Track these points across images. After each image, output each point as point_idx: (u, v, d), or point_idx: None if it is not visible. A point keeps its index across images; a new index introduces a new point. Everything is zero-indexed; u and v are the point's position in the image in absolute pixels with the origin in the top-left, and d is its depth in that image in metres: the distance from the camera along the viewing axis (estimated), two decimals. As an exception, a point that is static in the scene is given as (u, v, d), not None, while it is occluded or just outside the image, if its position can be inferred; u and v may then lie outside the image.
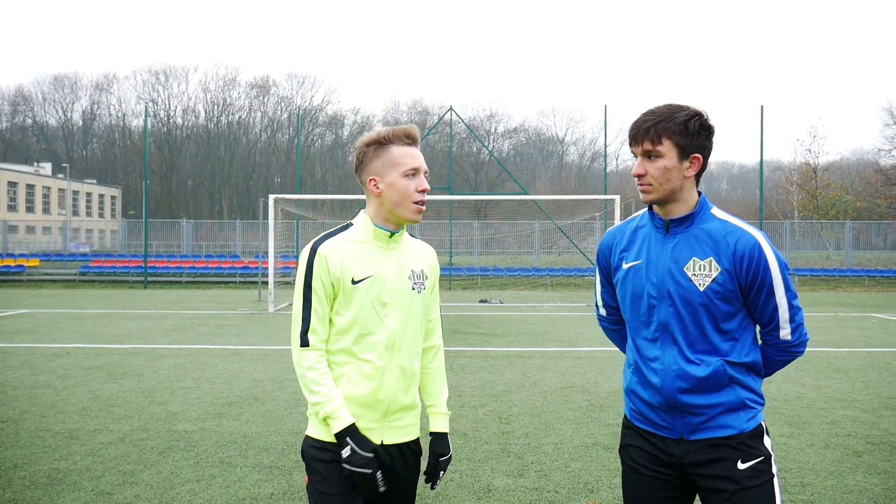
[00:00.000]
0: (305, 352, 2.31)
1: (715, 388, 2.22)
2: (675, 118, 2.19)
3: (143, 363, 9.39)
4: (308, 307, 2.31)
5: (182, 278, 29.10)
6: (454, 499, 4.49)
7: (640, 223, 2.39)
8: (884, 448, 5.58)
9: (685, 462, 2.27)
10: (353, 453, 2.22)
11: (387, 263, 2.37)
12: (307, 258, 2.33)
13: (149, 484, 4.72)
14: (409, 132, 2.37)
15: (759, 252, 2.19)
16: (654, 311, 2.27)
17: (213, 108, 78.89)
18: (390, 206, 2.35)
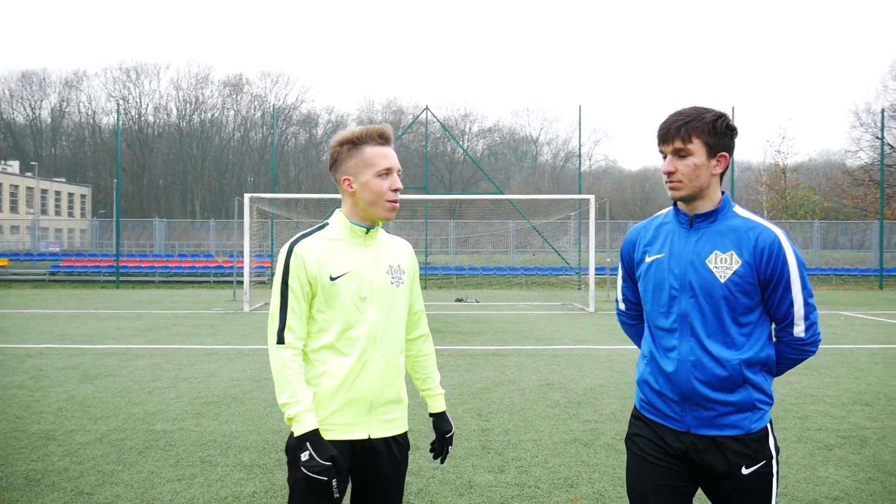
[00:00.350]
0: (280, 350, 2.33)
1: (729, 388, 2.29)
2: (704, 118, 2.28)
3: (118, 363, 9.30)
4: (285, 305, 2.34)
5: (155, 278, 28.79)
6: (436, 495, 4.53)
7: (664, 220, 2.47)
8: (853, 441, 5.72)
9: (690, 456, 2.34)
10: (310, 459, 2.25)
11: (364, 259, 2.41)
12: (284, 257, 2.37)
13: (129, 484, 4.70)
14: (382, 132, 2.41)
15: (779, 247, 2.27)
16: (675, 301, 2.34)
17: (185, 106, 78.10)
18: (365, 204, 2.39)
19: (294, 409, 2.29)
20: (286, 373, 2.31)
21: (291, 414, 2.29)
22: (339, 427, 2.37)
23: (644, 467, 2.40)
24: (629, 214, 56.69)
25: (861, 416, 6.58)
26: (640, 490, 2.40)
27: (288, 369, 2.31)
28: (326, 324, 2.36)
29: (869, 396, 7.39)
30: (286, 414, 2.30)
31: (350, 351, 2.36)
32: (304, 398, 2.30)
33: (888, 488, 4.65)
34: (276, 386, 2.35)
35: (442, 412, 2.66)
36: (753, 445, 2.30)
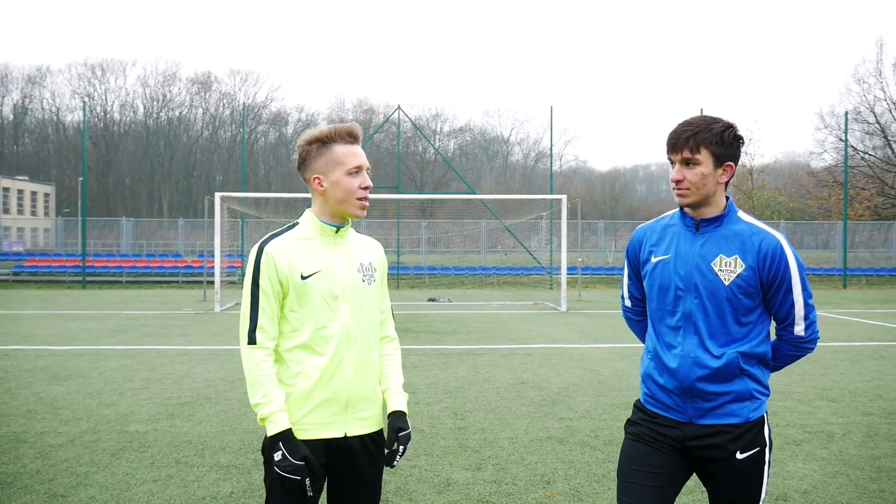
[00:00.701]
0: (252, 350, 2.33)
1: (728, 378, 2.41)
2: (713, 129, 2.38)
3: (87, 364, 9.17)
4: (256, 305, 2.34)
5: (122, 278, 28.35)
6: (415, 493, 4.55)
7: (670, 222, 2.57)
8: (820, 436, 5.87)
9: (689, 443, 2.44)
10: (283, 458, 2.25)
11: (335, 258, 2.42)
12: (255, 257, 2.37)
13: (103, 486, 4.65)
14: (351, 130, 2.41)
15: (781, 252, 2.39)
16: (680, 301, 2.45)
17: (152, 104, 76.99)
18: (335, 203, 2.40)
19: (266, 409, 2.29)
20: (258, 373, 2.31)
21: (264, 414, 2.29)
22: (316, 426, 2.37)
23: (637, 449, 2.50)
24: (599, 214, 57.17)
25: (827, 411, 6.74)
26: (627, 469, 2.50)
27: (260, 370, 2.32)
28: (299, 323, 2.36)
29: (834, 392, 7.57)
30: (259, 414, 2.31)
31: (324, 350, 2.36)
32: (276, 398, 2.30)
33: (854, 481, 4.78)
34: (248, 386, 2.35)
35: (401, 411, 2.54)
36: (750, 433, 2.42)
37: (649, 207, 69.13)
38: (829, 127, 42.85)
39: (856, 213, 39.35)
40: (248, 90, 78.49)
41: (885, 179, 42.21)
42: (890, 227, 37.74)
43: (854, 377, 8.50)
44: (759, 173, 45.54)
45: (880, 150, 43.81)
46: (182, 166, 76.49)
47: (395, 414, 2.56)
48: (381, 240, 36.01)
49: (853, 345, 11.48)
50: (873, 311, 17.69)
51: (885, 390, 7.74)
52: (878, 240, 38.75)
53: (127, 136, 76.24)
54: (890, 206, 41.80)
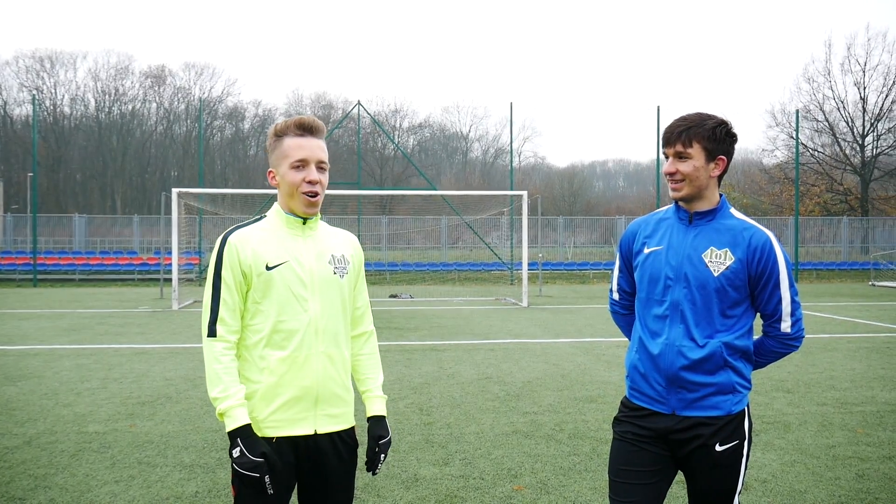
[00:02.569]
0: (212, 342, 2.28)
1: (711, 370, 2.45)
2: (705, 125, 2.45)
3: (41, 364, 8.94)
4: (217, 297, 2.29)
5: (75, 276, 27.72)
6: (383, 489, 4.55)
7: (664, 215, 2.63)
8: (778, 427, 6.02)
9: (671, 436, 2.48)
10: (241, 455, 2.20)
11: (304, 249, 2.37)
12: (218, 248, 2.32)
13: (63, 487, 4.54)
14: (301, 122, 2.36)
15: (770, 248, 2.46)
16: (669, 291, 2.49)
17: (103, 98, 75.08)
18: (284, 197, 2.37)
19: (225, 403, 2.23)
20: (217, 367, 2.26)
21: (222, 409, 2.24)
22: (284, 423, 2.32)
23: (625, 449, 2.54)
24: (558, 210, 57.59)
25: (783, 402, 6.92)
26: (617, 469, 2.54)
27: (219, 363, 2.26)
28: (265, 316, 2.30)
29: (790, 384, 7.77)
30: (217, 409, 2.25)
31: (289, 343, 2.31)
32: (234, 393, 2.24)
33: (811, 469, 4.92)
34: (207, 380, 2.28)
35: (380, 416, 2.52)
36: (730, 426, 2.47)
37: (607, 203, 70.03)
38: (781, 125, 43.97)
39: (806, 209, 40.43)
40: (203, 84, 77.14)
41: (833, 176, 43.46)
42: (839, 223, 38.86)
43: (808, 369, 8.73)
44: (714, 170, 46.37)
45: (829, 147, 45.07)
46: (136, 162, 74.85)
47: (374, 419, 2.53)
48: (342, 236, 35.93)
49: (806, 337, 11.76)
50: (824, 305, 18.19)
51: (837, 381, 7.97)
52: (828, 235, 39.88)
53: (78, 130, 74.31)
54: (839, 203, 43.05)
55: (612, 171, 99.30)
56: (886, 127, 43.48)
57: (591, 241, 42.94)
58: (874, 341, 11.32)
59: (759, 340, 2.59)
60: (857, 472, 4.88)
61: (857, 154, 43.92)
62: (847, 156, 44.09)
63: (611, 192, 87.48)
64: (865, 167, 43.06)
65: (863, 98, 43.11)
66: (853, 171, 43.99)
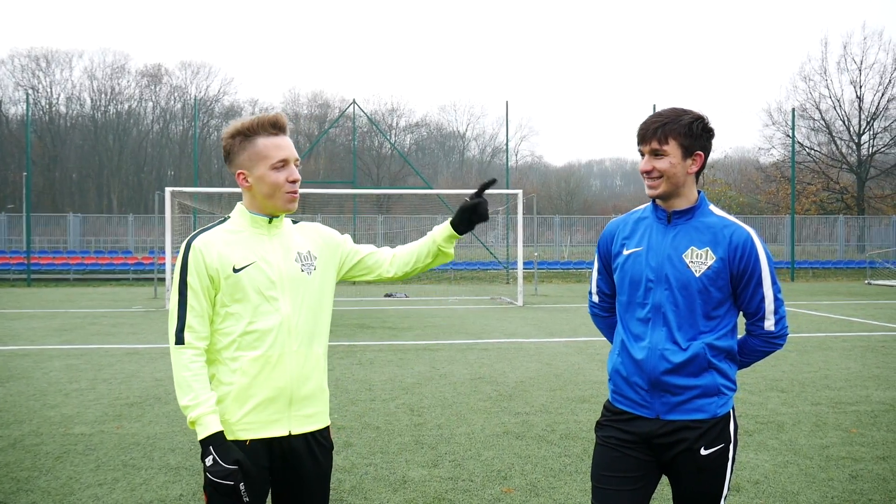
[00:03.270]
0: (180, 350, 2.23)
1: (695, 372, 2.39)
2: (681, 121, 2.38)
3: (31, 365, 8.87)
4: (184, 304, 2.25)
5: (69, 275, 27.60)
6: (370, 492, 4.49)
7: (642, 215, 2.55)
8: (771, 427, 5.97)
9: (655, 441, 2.42)
10: (214, 463, 2.16)
11: (271, 248, 2.33)
12: (183, 253, 2.28)
13: (46, 490, 4.48)
14: (274, 121, 2.30)
15: (752, 245, 2.39)
16: (651, 293, 2.42)
17: (100, 97, 74.88)
18: (262, 197, 2.31)
19: (196, 411, 2.19)
20: (186, 374, 2.21)
21: (193, 417, 2.19)
22: (257, 425, 2.28)
23: (608, 455, 2.48)
24: (555, 209, 57.58)
25: (777, 402, 6.87)
26: (599, 475, 2.48)
27: (188, 371, 2.22)
28: (236, 318, 2.26)
29: (784, 383, 7.73)
30: (188, 417, 2.20)
31: (261, 344, 2.26)
32: (205, 400, 2.20)
33: (804, 470, 4.87)
34: (176, 388, 2.24)
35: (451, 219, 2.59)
36: (716, 429, 2.41)
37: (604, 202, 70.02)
38: (777, 123, 43.98)
39: (802, 207, 40.44)
40: (199, 83, 76.96)
41: (829, 175, 43.49)
42: (835, 221, 38.87)
43: (802, 368, 8.69)
44: (710, 169, 46.44)
45: (825, 146, 45.11)
46: (132, 161, 74.70)
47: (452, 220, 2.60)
48: (337, 235, 35.83)
49: (801, 336, 11.76)
50: (820, 303, 18.17)
51: (832, 380, 7.93)
52: (824, 233, 39.88)
53: (74, 129, 74.11)
54: (835, 201, 43.09)
55: (609, 169, 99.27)
56: (882, 125, 43.56)
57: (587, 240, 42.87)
58: (869, 340, 11.29)
59: (742, 340, 2.54)
60: (851, 472, 4.83)
61: (853, 153, 43.97)
62: (843, 154, 44.13)
63: (608, 191, 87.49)
64: (861, 166, 43.11)
65: (859, 97, 43.18)
66: (849, 170, 44.04)
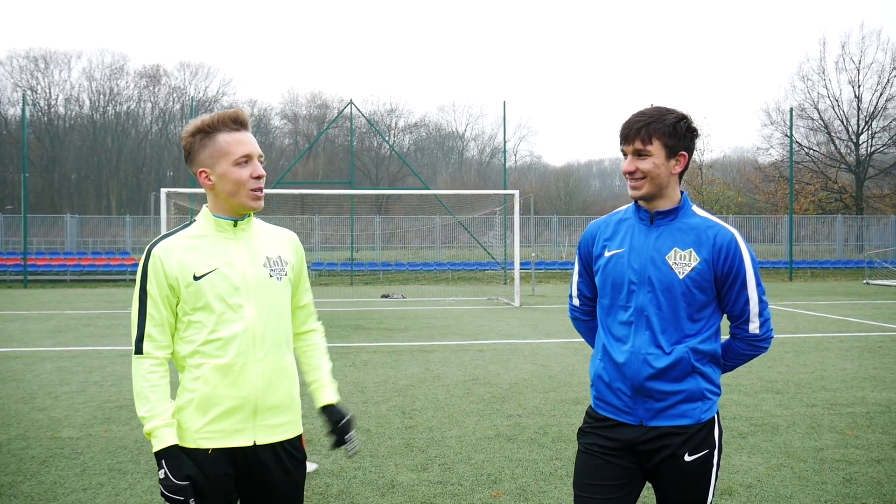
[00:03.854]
0: (139, 360, 2.19)
1: (678, 377, 2.33)
2: (665, 120, 2.31)
3: (22, 367, 8.81)
4: (143, 313, 2.19)
5: (66, 277, 27.54)
6: (357, 496, 4.43)
7: (624, 216, 2.49)
8: (765, 429, 5.91)
9: (639, 448, 2.36)
10: (166, 478, 2.12)
11: (236, 253, 2.26)
12: (143, 261, 2.22)
13: (29, 496, 4.42)
14: (235, 116, 2.25)
15: (736, 246, 2.33)
16: (633, 296, 2.36)
17: (98, 98, 74.86)
18: (226, 196, 2.24)
19: (151, 423, 2.14)
20: (143, 385, 2.17)
21: (148, 429, 2.15)
22: (220, 434, 2.20)
23: (590, 462, 2.42)
24: (554, 210, 57.54)
25: (772, 403, 6.82)
26: (582, 483, 2.42)
27: (146, 381, 2.17)
28: (198, 326, 2.20)
29: (780, 384, 7.67)
30: (144, 428, 2.16)
31: (225, 352, 2.19)
32: (161, 412, 2.16)
33: (798, 473, 4.81)
34: (134, 398, 2.19)
35: (332, 403, 2.44)
36: (700, 434, 2.35)
37: (603, 202, 69.90)
38: (775, 123, 43.84)
39: (801, 207, 40.36)
40: (198, 84, 76.95)
41: (828, 174, 43.42)
42: (833, 221, 38.81)
43: (798, 368, 8.63)
44: (709, 168, 46.40)
45: (824, 145, 45.02)
46: (131, 162, 74.68)
47: (327, 408, 2.45)
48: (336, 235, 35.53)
49: (798, 336, 11.71)
50: (817, 303, 18.12)
51: (828, 381, 7.87)
52: (823, 233, 39.83)
53: (72, 130, 74.09)
54: (833, 201, 43.02)
55: (609, 169, 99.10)
56: (881, 125, 43.43)
57: (586, 240, 42.78)
58: (867, 340, 11.24)
59: (726, 343, 2.48)
60: (845, 475, 4.78)
61: (851, 152, 43.88)
62: (842, 154, 44.03)
63: (607, 191, 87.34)
64: (860, 165, 43.02)
65: (857, 96, 43.07)
66: (848, 170, 43.95)
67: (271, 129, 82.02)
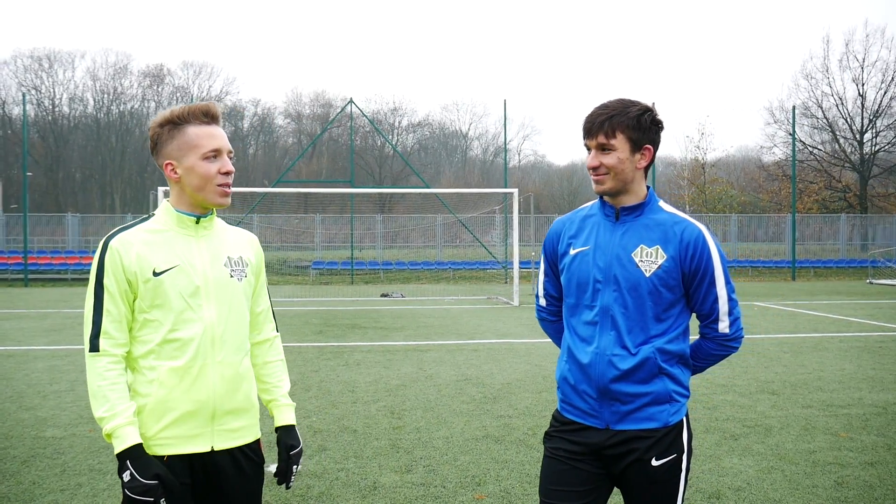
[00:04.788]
0: (95, 358, 2.09)
1: (645, 378, 2.26)
2: (629, 113, 2.24)
3: (13, 366, 8.76)
4: (99, 308, 2.10)
5: (67, 275, 27.54)
6: (338, 498, 4.36)
7: (589, 212, 2.42)
8: (758, 431, 5.82)
9: (605, 453, 2.29)
10: (132, 479, 2.01)
11: (197, 251, 2.19)
12: (99, 254, 2.13)
13: (6, 496, 4.36)
14: (206, 109, 2.19)
15: (703, 243, 2.27)
16: (598, 295, 2.29)
17: (102, 97, 75.01)
18: (192, 191, 2.17)
19: (111, 423, 2.04)
20: (101, 384, 2.06)
21: (109, 429, 2.05)
22: (176, 440, 2.13)
23: (555, 468, 2.35)
24: (557, 209, 57.39)
25: (767, 404, 6.72)
26: (547, 490, 2.35)
27: (104, 380, 2.07)
28: (155, 325, 2.11)
29: (776, 385, 7.58)
30: (104, 429, 2.06)
31: (182, 354, 2.11)
32: (122, 411, 2.05)
33: (788, 477, 4.73)
34: (90, 399, 2.09)
35: (289, 426, 2.38)
36: (667, 438, 2.28)
37: (606, 202, 69.64)
38: (779, 122, 43.68)
39: (805, 206, 40.19)
40: (202, 83, 76.99)
41: (832, 173, 43.22)
42: (837, 220, 38.62)
43: (796, 369, 8.53)
44: (712, 167, 46.22)
45: (828, 144, 44.80)
46: (135, 161, 74.75)
47: (283, 429, 2.37)
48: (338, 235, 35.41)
49: (797, 336, 11.60)
50: (819, 303, 17.99)
51: (826, 382, 7.77)
52: (827, 232, 39.63)
53: (77, 130, 74.28)
54: (837, 200, 42.82)
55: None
56: (885, 123, 43.20)
57: (588, 239, 42.70)
58: (867, 340, 11.13)
59: (696, 343, 2.40)
60: (837, 479, 4.69)
61: (855, 151, 43.64)
62: (846, 153, 43.82)
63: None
64: (864, 164, 42.79)
65: (861, 95, 42.84)
66: (852, 169, 43.74)
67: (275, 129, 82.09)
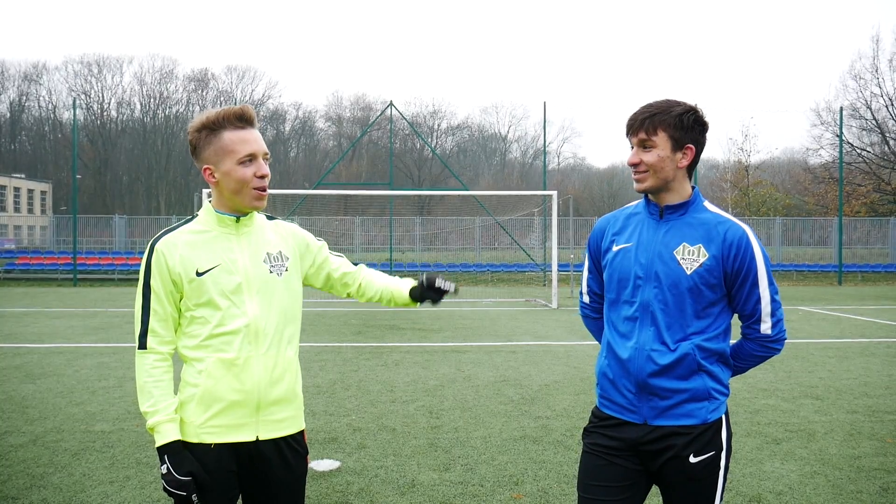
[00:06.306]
0: (143, 355, 2.22)
1: (684, 375, 2.27)
2: (671, 112, 2.27)
3: (64, 362, 9.04)
4: (147, 308, 2.22)
5: (114, 275, 28.22)
6: (377, 495, 4.42)
7: (634, 210, 2.44)
8: (801, 436, 5.73)
9: (643, 448, 2.30)
10: (168, 473, 2.15)
11: (238, 250, 2.27)
12: (146, 256, 2.24)
13: (58, 487, 4.52)
14: (241, 113, 2.23)
15: (747, 243, 2.27)
16: (639, 291, 2.31)
17: (149, 101, 76.84)
18: (230, 194, 2.24)
19: (154, 419, 2.17)
20: (147, 380, 2.20)
21: (151, 424, 2.18)
22: (222, 429, 2.22)
23: (594, 463, 2.37)
24: (597, 211, 56.97)
25: (811, 409, 6.61)
26: (585, 485, 2.37)
27: (150, 376, 2.20)
28: (202, 321, 2.21)
29: (820, 390, 7.44)
30: (147, 423, 2.19)
31: (228, 347, 2.21)
32: (164, 408, 2.18)
33: (832, 482, 4.65)
34: (137, 393, 2.22)
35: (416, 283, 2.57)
36: (706, 435, 2.28)
37: (647, 204, 68.95)
38: (826, 123, 42.67)
39: (852, 209, 39.22)
40: (245, 87, 78.40)
41: (881, 176, 42.09)
42: (886, 224, 37.60)
43: (841, 374, 8.36)
44: (756, 170, 45.39)
45: (877, 146, 43.65)
46: (179, 164, 76.33)
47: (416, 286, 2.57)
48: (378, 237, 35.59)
49: (843, 341, 11.35)
50: (866, 308, 17.56)
51: (872, 388, 7.61)
52: (876, 236, 38.59)
53: (124, 133, 76.10)
54: (886, 203, 41.68)
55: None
56: (938, 124, 41.94)
57: (628, 242, 42.23)
58: (916, 346, 10.83)
59: (737, 343, 2.39)
60: (882, 484, 4.60)
61: (906, 153, 42.46)
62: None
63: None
64: (915, 166, 41.59)
65: (913, 95, 41.64)
66: (902, 171, 42.53)
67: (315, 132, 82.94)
